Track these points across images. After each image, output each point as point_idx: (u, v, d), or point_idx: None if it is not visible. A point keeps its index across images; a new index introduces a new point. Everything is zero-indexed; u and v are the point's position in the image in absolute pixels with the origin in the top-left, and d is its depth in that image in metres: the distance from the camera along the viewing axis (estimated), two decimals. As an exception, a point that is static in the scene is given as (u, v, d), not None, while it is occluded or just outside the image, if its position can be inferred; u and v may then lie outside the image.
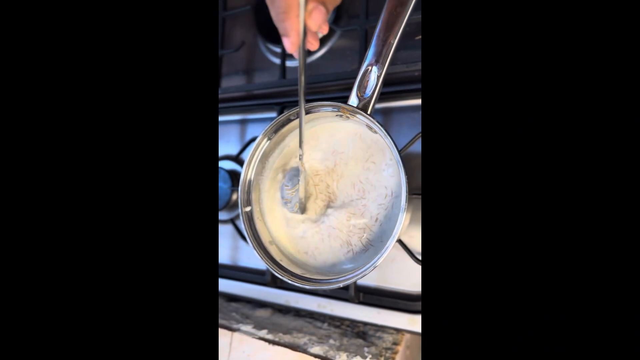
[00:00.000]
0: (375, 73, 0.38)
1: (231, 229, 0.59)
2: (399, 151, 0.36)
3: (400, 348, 0.46)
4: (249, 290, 0.55)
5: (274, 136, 0.44)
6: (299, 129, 0.38)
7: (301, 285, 0.40)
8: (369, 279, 0.48)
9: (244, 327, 0.49)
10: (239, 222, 0.57)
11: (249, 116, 0.61)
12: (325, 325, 0.50)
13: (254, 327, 0.49)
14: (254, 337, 0.46)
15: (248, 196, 0.44)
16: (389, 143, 0.37)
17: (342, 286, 0.38)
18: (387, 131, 0.37)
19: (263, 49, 0.61)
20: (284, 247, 0.45)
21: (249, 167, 0.44)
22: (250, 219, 0.44)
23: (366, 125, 0.41)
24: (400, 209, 0.35)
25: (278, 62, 0.58)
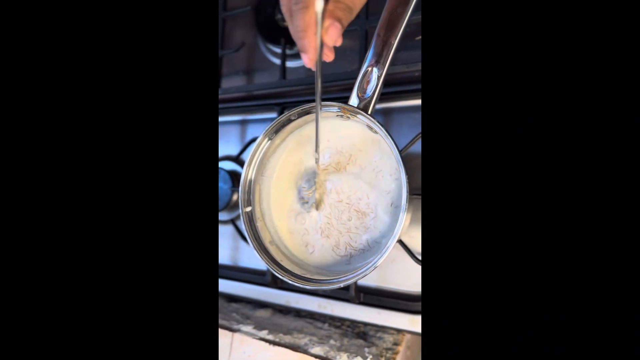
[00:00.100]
0: (375, 73, 0.38)
1: (231, 229, 0.59)
2: (400, 151, 0.36)
3: (401, 348, 0.46)
4: (249, 290, 0.55)
5: (274, 136, 0.44)
6: (315, 135, 0.39)
7: (302, 286, 0.40)
8: (369, 279, 0.48)
9: (244, 328, 0.49)
10: (239, 223, 0.57)
11: (249, 117, 0.61)
12: (326, 326, 0.50)
13: (255, 328, 0.49)
14: (254, 338, 0.46)
15: (248, 196, 0.45)
16: (389, 143, 0.37)
17: (343, 286, 0.38)
18: (387, 131, 0.37)
19: (263, 50, 0.61)
20: (284, 247, 0.45)
21: (250, 167, 0.44)
22: (250, 219, 0.44)
23: (367, 126, 0.41)
24: (401, 209, 0.35)
25: (278, 62, 0.58)
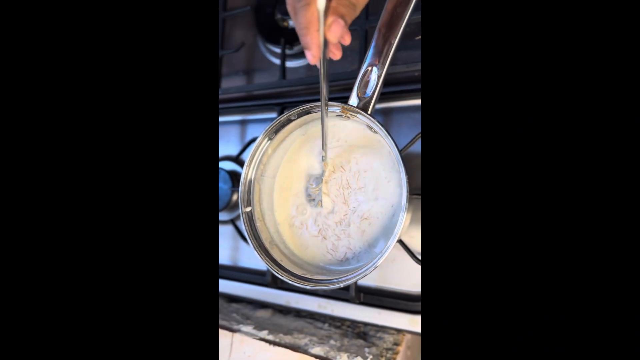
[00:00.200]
0: (375, 73, 0.38)
1: (231, 229, 0.59)
2: (400, 151, 0.36)
3: (401, 348, 0.46)
4: (249, 290, 0.55)
5: (274, 136, 0.44)
6: (321, 133, 0.39)
7: (302, 286, 0.39)
8: (369, 280, 0.48)
9: (244, 328, 0.49)
10: (239, 223, 0.57)
11: (249, 117, 0.61)
12: (326, 326, 0.50)
13: (255, 328, 0.49)
14: (254, 338, 0.46)
15: (248, 196, 0.44)
16: (389, 143, 0.37)
17: (343, 286, 0.38)
18: (387, 131, 0.37)
19: (263, 50, 0.61)
20: (284, 247, 0.45)
21: (250, 167, 0.44)
22: (250, 219, 0.44)
23: (367, 125, 0.41)
24: (401, 209, 0.35)
25: (278, 62, 0.58)
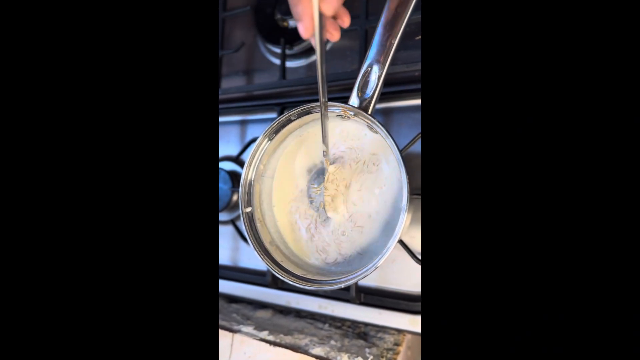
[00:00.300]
0: (375, 73, 0.38)
1: (231, 229, 0.59)
2: (400, 151, 0.36)
3: (402, 349, 0.46)
4: (249, 291, 0.55)
5: (274, 137, 0.44)
6: (321, 123, 0.37)
7: (302, 286, 0.39)
8: (370, 280, 0.47)
9: (244, 329, 0.49)
10: (239, 223, 0.57)
11: (249, 117, 0.61)
12: (327, 326, 0.50)
13: (255, 329, 0.49)
14: (254, 339, 0.46)
15: (249, 197, 0.44)
16: (389, 143, 0.37)
17: (343, 287, 0.38)
18: (387, 131, 0.37)
19: (263, 50, 0.61)
20: (285, 248, 0.45)
21: (250, 167, 0.44)
22: (250, 219, 0.44)
23: (367, 125, 0.41)
24: (402, 209, 0.35)
25: (278, 62, 0.58)
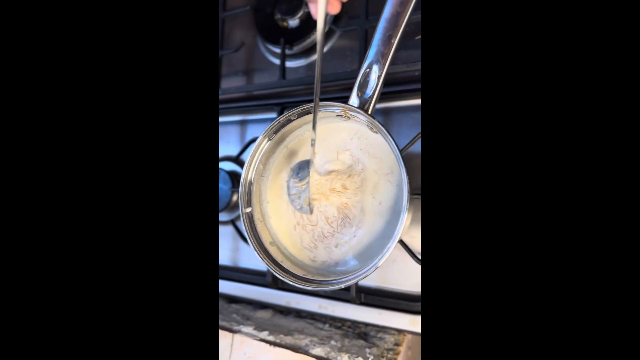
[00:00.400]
0: (375, 73, 0.38)
1: (231, 230, 0.59)
2: (400, 151, 0.36)
3: (402, 349, 0.46)
4: (249, 291, 0.55)
5: (274, 137, 0.44)
6: (313, 107, 0.36)
7: (302, 287, 0.39)
8: (370, 280, 0.47)
9: (244, 329, 0.49)
10: (239, 223, 0.57)
11: (248, 117, 0.61)
12: (327, 327, 0.50)
13: (255, 329, 0.49)
14: (255, 339, 0.46)
15: (249, 197, 0.44)
16: (390, 143, 0.37)
17: (344, 287, 0.38)
18: (388, 131, 0.37)
19: (263, 50, 0.61)
20: (284, 248, 0.45)
21: (250, 167, 0.44)
22: (250, 220, 0.44)
23: (367, 125, 0.41)
24: (402, 209, 0.35)
25: (278, 62, 0.58)
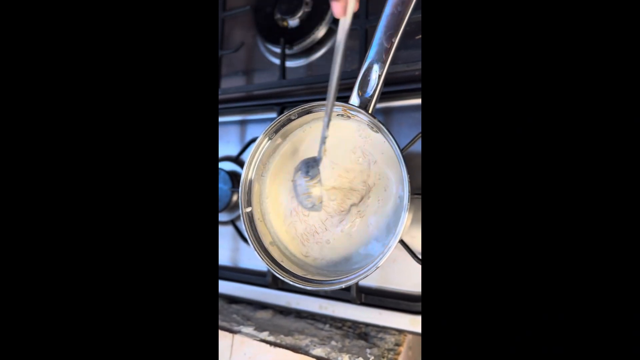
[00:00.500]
0: (376, 72, 0.38)
1: (231, 230, 0.59)
2: (401, 150, 0.36)
3: (403, 349, 0.45)
4: (249, 291, 0.55)
5: (274, 136, 0.44)
6: (326, 105, 0.35)
7: (302, 287, 0.39)
8: (370, 280, 0.47)
9: (245, 329, 0.49)
10: (239, 224, 0.57)
11: (248, 117, 0.60)
12: (327, 327, 0.50)
13: (255, 329, 0.48)
14: (255, 339, 0.46)
15: (249, 197, 0.44)
16: (390, 142, 0.37)
17: (344, 287, 0.38)
18: (389, 130, 0.36)
19: (262, 50, 0.61)
20: (284, 248, 0.45)
21: (250, 167, 0.44)
22: (251, 219, 0.44)
23: (367, 125, 0.41)
24: (403, 209, 0.35)
25: (278, 62, 0.58)
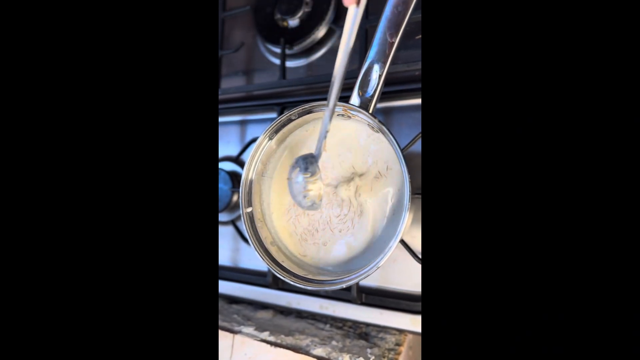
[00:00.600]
0: (376, 72, 0.38)
1: (232, 230, 0.59)
2: (401, 150, 0.36)
3: (403, 349, 0.45)
4: (250, 292, 0.55)
5: (275, 136, 0.44)
6: (330, 97, 0.34)
7: (303, 287, 0.39)
8: (371, 280, 0.47)
9: (245, 329, 0.49)
10: (239, 224, 0.57)
11: (248, 117, 0.60)
12: (328, 327, 0.50)
13: (256, 329, 0.48)
14: (255, 339, 0.46)
15: (249, 197, 0.44)
16: (391, 142, 0.37)
17: (345, 287, 0.38)
18: (389, 130, 0.36)
19: (262, 50, 0.61)
20: (285, 248, 0.45)
21: (250, 167, 0.44)
22: (251, 220, 0.44)
23: (368, 125, 0.41)
24: (404, 209, 0.35)
25: (278, 62, 0.58)
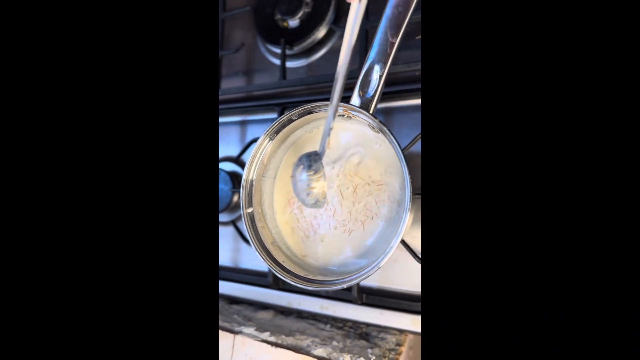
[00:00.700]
0: (377, 72, 0.38)
1: (232, 230, 0.59)
2: (402, 150, 0.36)
3: (404, 349, 0.45)
4: (250, 292, 0.55)
5: (275, 137, 0.44)
6: (334, 94, 0.34)
7: (304, 287, 0.39)
8: (371, 280, 0.47)
9: (246, 330, 0.49)
10: (240, 224, 0.57)
11: (249, 117, 0.60)
12: (328, 327, 0.50)
13: (256, 330, 0.48)
14: (256, 340, 0.46)
15: (250, 197, 0.44)
16: (392, 142, 0.37)
17: (345, 287, 0.38)
18: (390, 130, 0.36)
19: (263, 50, 0.61)
20: (286, 248, 0.45)
21: (251, 167, 0.44)
22: (252, 220, 0.44)
23: (368, 125, 0.41)
24: (404, 209, 0.35)
25: (278, 63, 0.58)
